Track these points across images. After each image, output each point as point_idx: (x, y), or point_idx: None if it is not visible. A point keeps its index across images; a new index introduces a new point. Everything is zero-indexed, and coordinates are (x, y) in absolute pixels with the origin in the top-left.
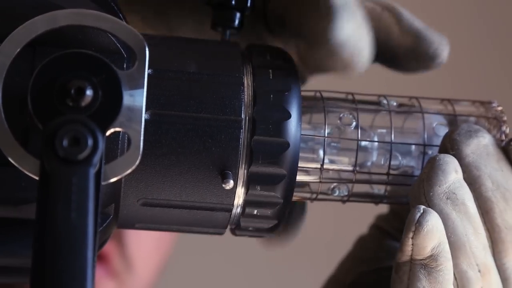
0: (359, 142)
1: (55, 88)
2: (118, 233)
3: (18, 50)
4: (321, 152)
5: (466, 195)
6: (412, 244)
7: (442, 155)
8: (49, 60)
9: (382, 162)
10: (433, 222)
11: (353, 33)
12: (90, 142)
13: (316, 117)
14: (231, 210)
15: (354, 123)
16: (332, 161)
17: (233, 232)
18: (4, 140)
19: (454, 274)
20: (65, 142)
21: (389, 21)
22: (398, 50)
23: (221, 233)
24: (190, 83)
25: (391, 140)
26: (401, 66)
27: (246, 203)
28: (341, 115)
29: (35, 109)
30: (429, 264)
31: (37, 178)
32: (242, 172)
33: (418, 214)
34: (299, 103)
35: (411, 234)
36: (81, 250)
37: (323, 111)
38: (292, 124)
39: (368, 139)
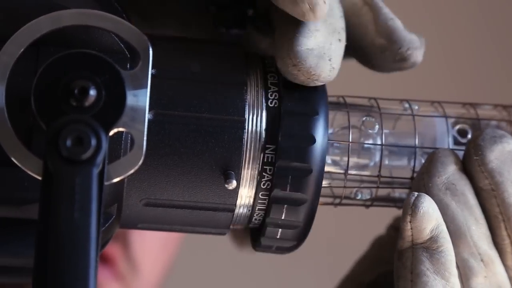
0: (383, 147)
1: (58, 88)
2: (123, 235)
3: (22, 50)
4: (344, 157)
5: (466, 186)
6: (411, 228)
7: (441, 149)
8: (52, 60)
9: (406, 164)
10: (428, 204)
11: (315, 46)
12: (93, 142)
13: (339, 121)
14: (233, 210)
15: (377, 127)
16: (354, 166)
17: (254, 248)
18: (7, 140)
19: (456, 263)
20: (68, 142)
21: (367, 18)
22: (371, 49)
23: (223, 234)
24: (193, 83)
25: (415, 144)
26: (375, 64)
27: (267, 224)
28: (363, 119)
29: (39, 109)
30: (430, 247)
31: (40, 178)
32: (245, 173)
33: (413, 198)
34: (325, 124)
35: (408, 218)
36: (84, 250)
37: (347, 116)
38: (317, 149)
39: (393, 144)
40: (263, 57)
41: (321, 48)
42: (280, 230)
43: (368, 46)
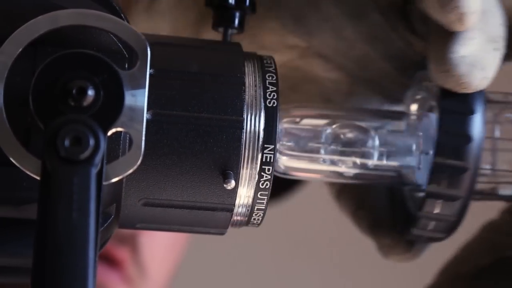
0: None
1: (56, 88)
2: (132, 238)
3: (20, 50)
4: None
5: None
6: None
7: None
8: (50, 60)
9: None
10: None
11: (469, 54)
12: (91, 142)
13: None
14: (232, 210)
15: None
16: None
17: (407, 237)
18: (6, 140)
19: None
20: (66, 142)
21: None
22: None
23: (222, 233)
24: (192, 83)
25: None
26: None
27: (421, 217)
28: (506, 115)
29: (37, 109)
30: None
31: (38, 178)
32: (244, 172)
33: None
34: (482, 122)
35: None
36: (82, 250)
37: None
38: (473, 148)
39: None
40: (262, 56)
41: (475, 56)
42: (433, 222)
43: None
